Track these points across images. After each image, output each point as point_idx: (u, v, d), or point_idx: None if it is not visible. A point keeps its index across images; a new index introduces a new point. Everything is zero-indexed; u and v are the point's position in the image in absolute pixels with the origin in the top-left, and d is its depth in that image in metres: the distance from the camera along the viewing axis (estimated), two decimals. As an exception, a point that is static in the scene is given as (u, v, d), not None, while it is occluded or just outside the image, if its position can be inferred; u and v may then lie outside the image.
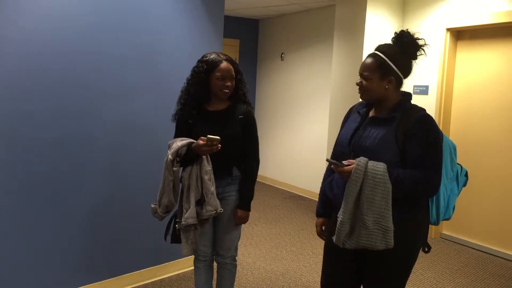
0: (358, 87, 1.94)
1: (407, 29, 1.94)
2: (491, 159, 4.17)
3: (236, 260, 2.57)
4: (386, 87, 1.88)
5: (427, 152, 1.80)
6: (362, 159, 1.77)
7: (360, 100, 2.04)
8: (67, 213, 2.81)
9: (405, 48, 1.90)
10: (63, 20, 2.66)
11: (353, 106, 2.14)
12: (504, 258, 4.06)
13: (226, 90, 2.34)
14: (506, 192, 4.07)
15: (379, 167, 1.76)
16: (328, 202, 2.13)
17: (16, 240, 2.62)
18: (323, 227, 2.20)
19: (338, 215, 1.80)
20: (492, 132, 4.17)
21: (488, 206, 4.21)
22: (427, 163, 1.79)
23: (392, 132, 1.82)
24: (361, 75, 1.91)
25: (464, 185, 2.09)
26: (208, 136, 2.15)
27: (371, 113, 1.98)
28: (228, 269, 2.55)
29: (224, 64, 2.31)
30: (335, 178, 1.98)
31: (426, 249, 1.96)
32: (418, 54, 1.93)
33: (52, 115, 2.67)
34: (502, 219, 4.10)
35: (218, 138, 2.14)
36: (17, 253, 2.64)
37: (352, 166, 1.77)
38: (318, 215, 2.20)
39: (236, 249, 2.54)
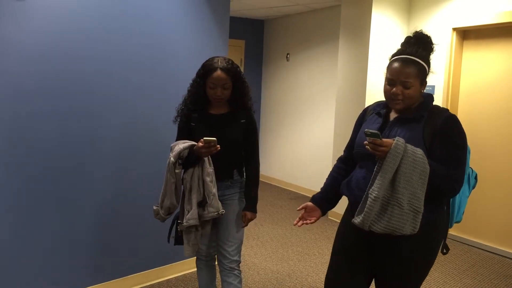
0: (392, 96, 1.84)
1: (421, 30, 1.92)
2: (498, 159, 4.15)
3: (240, 268, 2.48)
4: (422, 91, 1.88)
5: (455, 151, 1.79)
6: (400, 138, 1.71)
7: (366, 105, 2.00)
8: (72, 215, 2.82)
9: (428, 50, 1.89)
10: (68, 23, 2.68)
11: (368, 108, 2.10)
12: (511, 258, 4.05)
13: (216, 98, 2.35)
14: (513, 192, 4.05)
15: (418, 149, 1.72)
16: (330, 198, 2.10)
17: (22, 241, 2.64)
18: (305, 211, 2.08)
19: (370, 192, 1.70)
20: (499, 132, 4.15)
21: (495, 206, 4.18)
22: (455, 162, 1.78)
23: (419, 131, 1.80)
24: (401, 83, 1.81)
25: (473, 187, 2.08)
26: (204, 138, 2.17)
27: (392, 114, 1.94)
28: (235, 275, 2.44)
29: (216, 73, 2.29)
30: (353, 179, 1.95)
31: (445, 251, 1.95)
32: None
33: (57, 117, 2.69)
34: (509, 219, 4.08)
35: (214, 139, 2.16)
36: (23, 254, 2.66)
37: (390, 140, 1.70)
38: (314, 202, 2.09)
39: (240, 254, 2.48)
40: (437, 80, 4.48)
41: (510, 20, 3.88)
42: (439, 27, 4.45)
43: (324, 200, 2.11)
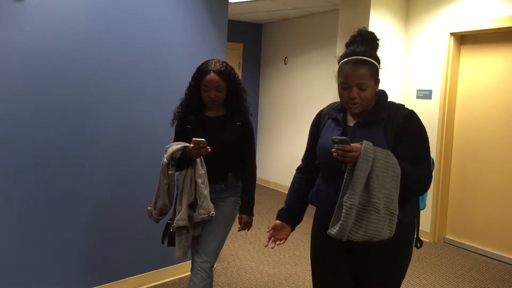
0: (350, 100, 1.78)
1: (364, 27, 1.88)
2: (495, 163, 4.16)
3: (212, 271, 2.36)
4: (377, 90, 1.85)
5: (420, 148, 1.79)
6: (367, 142, 1.68)
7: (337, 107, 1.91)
8: (68, 217, 2.81)
9: (375, 47, 1.86)
10: (66, 25, 2.68)
11: (322, 111, 2.01)
12: (508, 263, 4.05)
13: (210, 101, 2.36)
14: (509, 196, 4.05)
15: (387, 150, 1.70)
16: (297, 212, 2.06)
17: (17, 244, 2.63)
18: (275, 230, 2.04)
19: (345, 200, 1.65)
20: (495, 137, 4.16)
21: (492, 210, 4.19)
22: (422, 160, 1.78)
23: (381, 134, 1.77)
24: (357, 85, 1.75)
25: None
26: (193, 139, 2.17)
27: (350, 118, 1.89)
28: (202, 277, 2.29)
29: (209, 76, 2.30)
30: (321, 189, 1.90)
31: (418, 245, 1.94)
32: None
33: (53, 118, 2.69)
34: (506, 224, 4.09)
35: (203, 140, 2.16)
36: (18, 257, 2.65)
37: (359, 145, 1.66)
38: (282, 220, 2.05)
39: (216, 257, 2.39)
40: (434, 85, 4.49)
41: (507, 25, 3.89)
42: (436, 31, 4.46)
43: (291, 216, 2.07)
